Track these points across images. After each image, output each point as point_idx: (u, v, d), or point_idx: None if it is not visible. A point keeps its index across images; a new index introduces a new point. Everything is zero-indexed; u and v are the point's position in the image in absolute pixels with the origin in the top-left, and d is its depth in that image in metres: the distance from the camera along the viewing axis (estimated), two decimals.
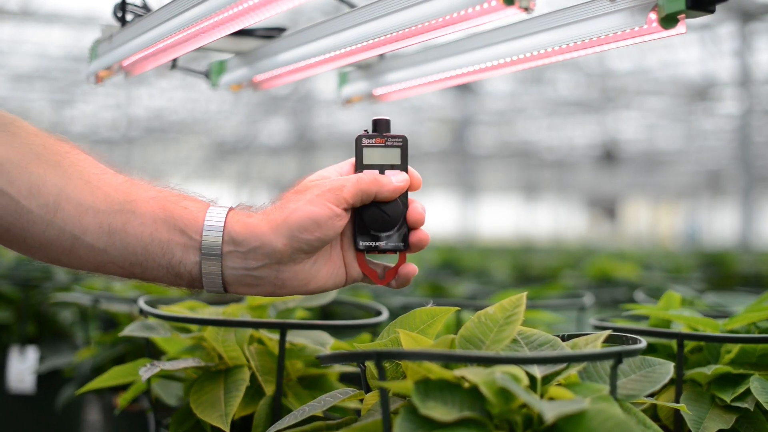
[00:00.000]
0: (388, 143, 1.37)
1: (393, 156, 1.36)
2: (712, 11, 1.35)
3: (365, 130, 1.39)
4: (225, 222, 1.30)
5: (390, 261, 1.38)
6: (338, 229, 1.30)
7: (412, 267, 1.37)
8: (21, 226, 1.29)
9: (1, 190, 1.28)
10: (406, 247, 1.35)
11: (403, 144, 1.37)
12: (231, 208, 1.32)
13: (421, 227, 1.37)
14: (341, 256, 1.36)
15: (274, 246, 1.28)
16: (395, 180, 1.34)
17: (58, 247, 1.31)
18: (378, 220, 1.33)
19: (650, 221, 33.27)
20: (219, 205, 1.33)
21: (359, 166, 1.36)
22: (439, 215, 25.61)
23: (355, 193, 1.30)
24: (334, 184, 1.31)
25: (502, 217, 29.77)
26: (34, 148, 1.33)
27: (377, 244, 1.34)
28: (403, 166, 1.36)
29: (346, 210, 1.31)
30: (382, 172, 1.35)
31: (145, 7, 1.90)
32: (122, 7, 1.90)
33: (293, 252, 1.29)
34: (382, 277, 1.37)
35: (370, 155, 1.36)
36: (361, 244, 1.34)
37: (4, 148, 1.31)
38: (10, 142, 1.32)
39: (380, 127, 1.38)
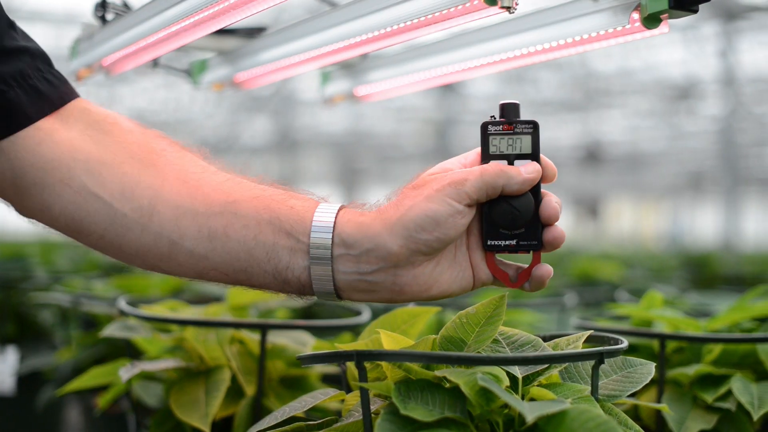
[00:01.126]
0: (517, 130, 1.22)
1: (523, 144, 1.22)
2: (695, 11, 1.35)
3: (491, 116, 1.25)
4: (335, 222, 1.17)
5: (522, 261, 1.24)
6: (460, 227, 1.16)
7: (547, 268, 1.21)
8: (116, 231, 1.23)
9: (93, 193, 1.22)
10: (539, 245, 1.20)
11: (534, 130, 1.23)
12: (342, 206, 1.20)
13: (556, 223, 1.22)
14: (467, 257, 1.21)
15: (388, 248, 1.15)
16: (525, 171, 1.19)
17: (156, 253, 1.23)
18: (508, 217, 1.19)
19: (633, 221, 33.33)
20: (329, 203, 1.21)
21: (485, 156, 1.22)
22: None
23: (479, 187, 1.16)
24: (455, 177, 1.16)
25: None
26: (128, 147, 1.26)
27: (507, 242, 1.20)
28: (534, 155, 1.22)
29: (469, 206, 1.17)
30: (510, 163, 1.21)
31: (126, 6, 1.90)
32: (103, 5, 1.89)
33: (410, 254, 1.15)
34: (514, 279, 1.22)
35: (497, 144, 1.22)
36: (490, 243, 1.20)
37: (96, 147, 1.24)
38: (101, 141, 1.25)
39: (508, 112, 1.24)
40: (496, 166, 1.18)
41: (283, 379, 1.65)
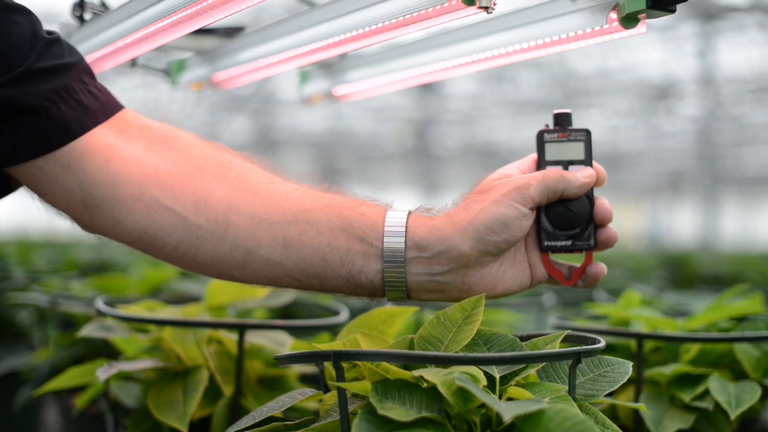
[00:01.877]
0: (571, 137, 1.32)
1: (577, 151, 1.32)
2: (672, 11, 1.35)
3: (546, 125, 1.35)
4: (406, 226, 1.24)
5: (575, 260, 1.34)
6: (525, 229, 1.24)
7: (601, 266, 1.31)
8: (190, 243, 1.27)
9: (167, 207, 1.26)
10: (594, 245, 1.30)
11: (586, 138, 1.33)
12: (410, 212, 1.27)
13: (609, 224, 1.32)
14: (526, 257, 1.30)
15: (460, 249, 1.22)
16: (581, 176, 1.29)
17: (231, 262, 1.28)
18: (564, 219, 1.28)
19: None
20: (397, 209, 1.27)
21: (542, 163, 1.32)
22: None
23: (542, 191, 1.25)
24: (519, 182, 1.25)
25: None
26: (195, 161, 1.30)
27: (563, 243, 1.29)
28: (587, 161, 1.32)
29: (532, 209, 1.25)
30: (565, 168, 1.31)
31: (104, 6, 1.89)
32: (81, 5, 1.89)
33: (480, 255, 1.23)
34: (567, 277, 1.31)
35: (553, 151, 1.32)
36: (547, 243, 1.29)
37: (164, 162, 1.28)
38: (168, 156, 1.30)
39: (562, 121, 1.34)
40: (556, 171, 1.27)
41: (261, 379, 1.64)
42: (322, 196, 1.29)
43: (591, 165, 1.31)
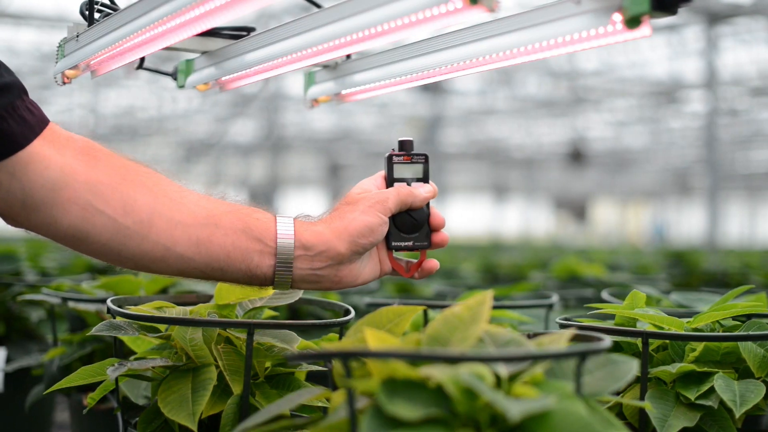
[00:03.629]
0: (414, 160, 1.65)
1: (418, 170, 1.65)
2: (674, 13, 1.36)
3: (393, 149, 1.67)
4: (294, 230, 1.52)
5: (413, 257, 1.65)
6: (384, 233, 1.57)
7: (434, 262, 1.66)
8: (118, 241, 1.48)
9: (99, 210, 1.46)
10: (429, 245, 1.63)
11: (425, 160, 1.66)
12: (295, 218, 1.55)
13: (442, 229, 1.65)
14: (377, 255, 1.62)
15: (338, 250, 1.52)
16: (424, 192, 1.62)
17: (151, 257, 1.50)
18: (408, 224, 1.60)
19: (618, 220, 33.37)
20: (284, 216, 1.55)
21: (390, 180, 1.64)
22: None
23: (397, 203, 1.58)
24: (379, 197, 1.57)
25: (471, 217, 29.80)
26: (118, 170, 1.51)
27: (406, 243, 1.61)
28: (425, 179, 1.65)
29: (388, 218, 1.58)
30: (409, 184, 1.63)
31: (113, 6, 1.90)
32: (89, 6, 1.90)
33: (351, 254, 1.54)
34: (407, 270, 1.64)
35: (400, 170, 1.64)
36: (393, 244, 1.61)
37: (94, 171, 1.48)
38: (95, 166, 1.48)
39: (406, 146, 1.67)
40: (407, 188, 1.61)
41: (270, 377, 1.65)
42: (223, 203, 1.55)
43: (428, 182, 1.65)
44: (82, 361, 2.28)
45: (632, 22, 1.39)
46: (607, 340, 1.16)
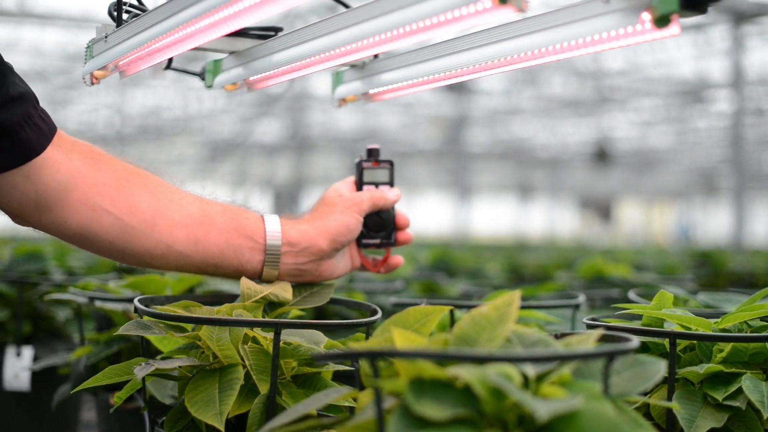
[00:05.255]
0: (381, 166, 1.87)
1: (384, 175, 1.88)
2: (704, 11, 1.36)
3: (361, 156, 1.88)
4: (281, 229, 1.71)
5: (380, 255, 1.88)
6: (359, 232, 1.79)
7: (399, 258, 1.90)
8: (124, 239, 1.62)
9: (106, 211, 1.59)
10: (394, 243, 1.86)
11: (391, 166, 1.88)
12: (281, 218, 1.73)
13: (406, 229, 1.89)
14: (350, 251, 1.83)
15: (320, 247, 1.73)
16: (392, 195, 1.84)
17: (153, 254, 1.65)
18: (376, 224, 1.82)
19: (643, 220, 33.27)
20: (269, 215, 1.73)
21: (360, 183, 1.86)
22: (432, 214, 25.58)
23: (370, 205, 1.80)
24: (356, 199, 1.79)
25: (495, 217, 29.77)
26: (121, 173, 1.64)
27: (374, 241, 1.84)
28: (391, 183, 1.88)
29: (363, 217, 1.79)
30: (377, 187, 1.85)
31: (141, 7, 1.91)
32: (118, 6, 1.90)
33: (331, 251, 1.74)
34: (374, 265, 1.89)
35: (368, 175, 1.86)
36: (363, 241, 1.84)
37: (100, 174, 1.60)
38: (100, 169, 1.61)
39: (373, 153, 1.88)
40: (378, 191, 1.84)
41: (296, 377, 1.65)
42: (216, 204, 1.71)
43: (393, 185, 1.87)
44: (108, 360, 2.28)
45: (661, 21, 1.38)
46: (635, 341, 1.15)
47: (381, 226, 1.83)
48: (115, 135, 19.85)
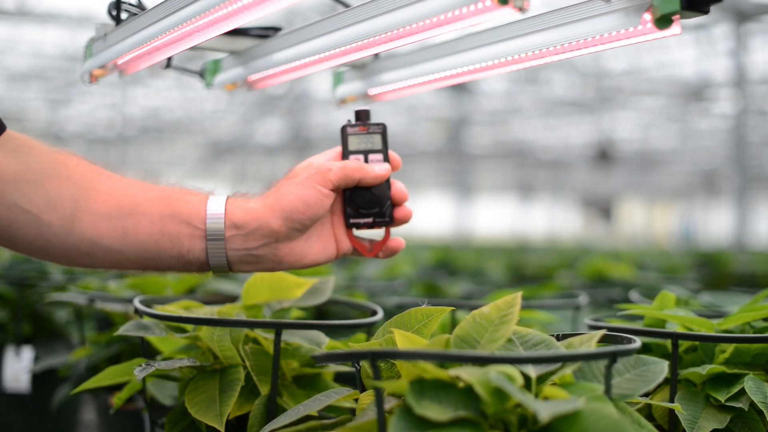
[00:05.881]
0: (371, 131, 1.55)
1: (375, 142, 1.54)
2: (706, 12, 1.35)
3: (348, 120, 1.56)
4: (225, 209, 1.45)
5: (376, 236, 1.56)
6: (326, 207, 1.47)
7: (399, 240, 1.55)
8: (44, 238, 1.45)
9: (22, 208, 1.43)
10: (391, 221, 1.53)
11: (383, 130, 1.55)
12: (229, 197, 1.47)
13: (405, 203, 1.55)
14: (332, 233, 1.53)
15: (271, 227, 1.44)
16: (378, 169, 1.51)
17: (78, 252, 1.47)
18: (366, 200, 1.50)
19: (645, 221, 33.28)
20: (217, 195, 1.48)
21: (345, 153, 1.54)
22: (434, 215, 25.58)
23: (340, 176, 1.47)
24: (321, 167, 1.48)
25: (497, 217, 29.78)
26: (47, 166, 1.47)
27: (365, 220, 1.51)
28: (384, 150, 1.54)
29: (333, 191, 1.47)
30: (366, 157, 1.53)
31: (140, 6, 1.90)
32: (117, 5, 1.90)
33: (288, 231, 1.45)
34: (370, 250, 1.54)
35: (355, 142, 1.54)
36: (352, 221, 1.51)
37: (21, 168, 1.45)
38: (24, 161, 1.45)
39: (362, 116, 1.56)
40: (356, 162, 1.51)
41: (297, 378, 1.65)
42: (154, 189, 1.49)
43: (387, 154, 1.54)
44: (109, 361, 2.28)
45: (663, 21, 1.38)
46: (638, 342, 1.15)
47: (373, 202, 1.50)
48: (116, 136, 19.86)
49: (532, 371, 1.10)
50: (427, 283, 4.07)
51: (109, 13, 1.92)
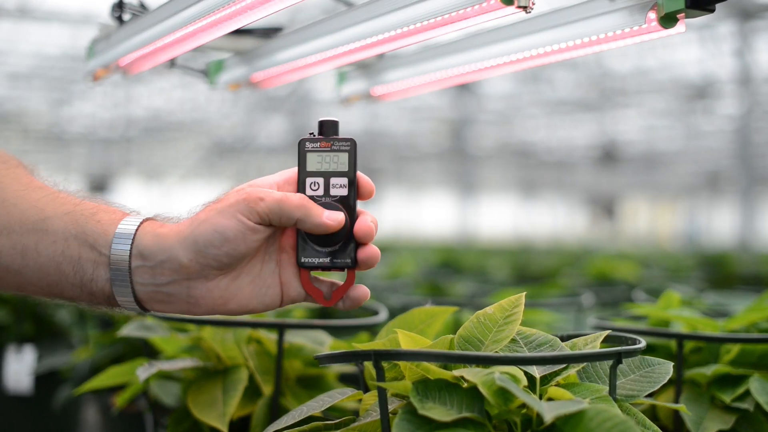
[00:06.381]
0: (335, 147, 1.21)
1: (340, 162, 1.21)
2: (711, 10, 1.35)
3: (311, 133, 1.24)
4: (135, 233, 1.18)
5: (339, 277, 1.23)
6: (252, 244, 1.16)
7: (362, 289, 1.20)
8: None
9: None
10: (353, 264, 1.18)
11: (351, 148, 1.22)
12: (147, 219, 1.21)
13: (371, 242, 1.20)
14: (276, 274, 1.21)
15: (179, 260, 1.15)
16: (327, 217, 1.17)
17: None
18: (322, 235, 1.17)
19: (649, 221, 33.27)
20: (135, 215, 1.21)
21: (302, 173, 1.21)
22: (437, 215, 25.60)
23: (273, 210, 1.15)
24: (252, 194, 1.16)
25: (500, 217, 29.79)
26: None
27: (321, 260, 1.18)
28: (350, 173, 1.21)
29: (262, 225, 1.16)
30: (327, 181, 1.20)
31: (143, 6, 1.90)
32: (120, 6, 1.90)
33: (200, 267, 1.16)
34: (328, 297, 1.20)
35: (315, 161, 1.21)
36: (304, 260, 1.19)
37: None
38: None
39: (327, 129, 1.23)
40: (300, 199, 1.16)
41: (301, 378, 1.65)
42: (68, 202, 1.23)
43: (354, 177, 1.20)
44: (111, 361, 2.28)
45: (667, 19, 1.38)
46: (643, 342, 1.15)
47: (330, 237, 1.18)
48: (119, 136, 19.87)
49: (537, 372, 1.10)
50: (431, 283, 4.08)
51: (112, 13, 1.92)
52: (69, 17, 12.16)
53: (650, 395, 1.24)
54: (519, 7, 1.32)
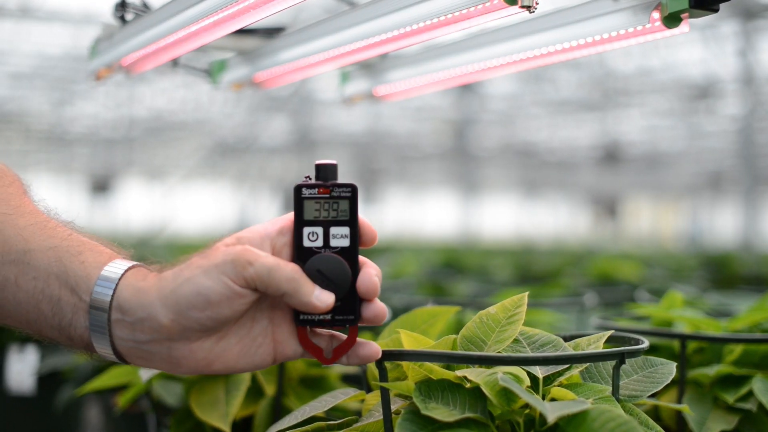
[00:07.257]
0: (335, 194, 1.11)
1: (340, 209, 1.11)
2: (716, 10, 1.35)
3: (307, 177, 1.13)
4: (118, 282, 1.08)
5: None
6: (238, 308, 1.06)
7: (373, 348, 1.10)
8: None
9: None
10: (357, 319, 1.09)
11: (352, 194, 1.11)
12: (135, 265, 1.11)
13: (377, 298, 1.10)
14: (268, 332, 1.11)
15: (159, 320, 1.05)
16: (316, 297, 1.07)
17: None
18: (321, 286, 1.08)
19: (652, 221, 33.26)
20: (123, 258, 1.13)
21: (299, 222, 1.10)
22: (440, 215, 25.60)
23: (261, 277, 1.05)
24: (241, 256, 1.05)
25: (503, 217, 29.78)
26: None
27: (321, 317, 1.08)
28: (351, 222, 1.10)
29: (250, 289, 1.06)
30: (326, 229, 1.09)
31: (145, 6, 1.90)
32: (122, 5, 1.90)
33: (181, 330, 1.06)
34: (328, 354, 1.11)
35: (313, 209, 1.11)
36: (302, 317, 1.09)
37: None
38: None
39: (325, 173, 1.12)
40: (293, 271, 1.06)
41: (303, 378, 1.65)
42: (55, 236, 1.13)
43: (356, 225, 1.10)
44: (113, 361, 2.27)
45: (671, 19, 1.37)
46: (646, 343, 1.14)
47: (329, 290, 1.08)
48: (121, 136, 19.87)
49: (539, 372, 1.10)
50: (433, 283, 4.07)
51: (115, 13, 1.92)
52: (71, 17, 12.17)
53: (653, 395, 1.24)
54: (522, 6, 1.32)
